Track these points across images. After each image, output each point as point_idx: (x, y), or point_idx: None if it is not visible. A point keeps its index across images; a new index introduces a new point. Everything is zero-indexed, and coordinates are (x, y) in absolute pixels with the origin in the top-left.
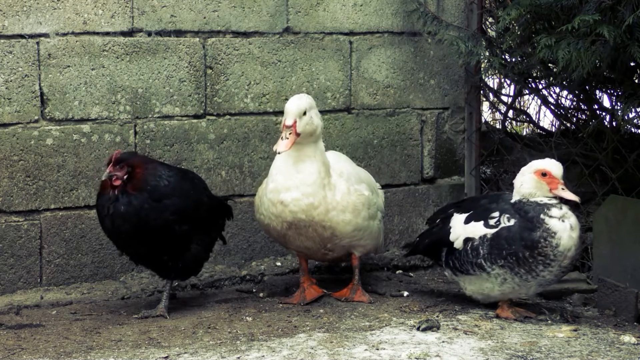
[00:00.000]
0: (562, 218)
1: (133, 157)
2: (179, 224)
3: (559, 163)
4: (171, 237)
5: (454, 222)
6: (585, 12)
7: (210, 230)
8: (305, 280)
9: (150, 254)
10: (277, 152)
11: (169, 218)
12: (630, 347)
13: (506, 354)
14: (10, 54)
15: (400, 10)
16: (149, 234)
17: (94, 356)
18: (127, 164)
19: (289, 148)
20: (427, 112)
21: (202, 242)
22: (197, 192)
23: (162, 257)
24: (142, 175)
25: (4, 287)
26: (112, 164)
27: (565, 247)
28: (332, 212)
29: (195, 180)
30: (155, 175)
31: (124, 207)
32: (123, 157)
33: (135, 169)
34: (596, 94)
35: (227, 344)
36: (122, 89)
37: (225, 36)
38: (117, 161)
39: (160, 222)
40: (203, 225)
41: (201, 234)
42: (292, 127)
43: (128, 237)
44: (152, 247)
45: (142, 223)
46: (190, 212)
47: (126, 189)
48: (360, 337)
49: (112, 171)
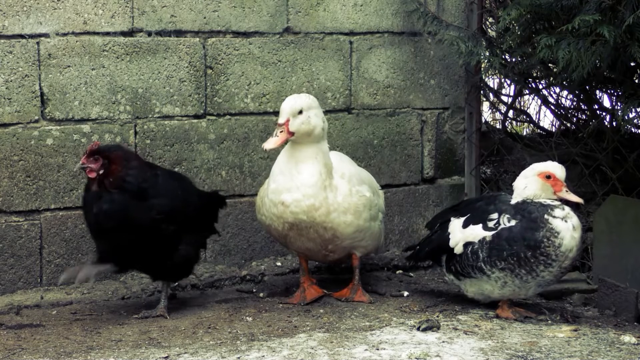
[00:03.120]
0: (565, 218)
1: (112, 150)
2: (165, 224)
3: (562, 165)
4: (158, 238)
5: (453, 228)
6: (586, 12)
7: (200, 230)
8: (306, 280)
9: (137, 256)
10: (264, 149)
11: (155, 218)
12: (631, 347)
13: (506, 354)
14: (10, 54)
15: (401, 10)
16: (135, 235)
17: (94, 356)
18: (103, 157)
19: (276, 146)
20: (427, 112)
21: (191, 243)
22: (184, 191)
23: (149, 259)
24: (120, 172)
25: (4, 287)
26: (86, 155)
27: (567, 247)
28: (334, 214)
29: (182, 180)
30: (137, 174)
31: (107, 206)
32: (100, 149)
33: (112, 164)
34: (596, 94)
35: (227, 344)
36: (122, 89)
37: (226, 36)
38: (92, 153)
39: (146, 222)
40: (192, 225)
41: (190, 234)
42: (283, 125)
43: (112, 237)
44: (139, 249)
45: (126, 223)
46: (177, 212)
47: (105, 186)
48: (361, 337)
49: (84, 163)
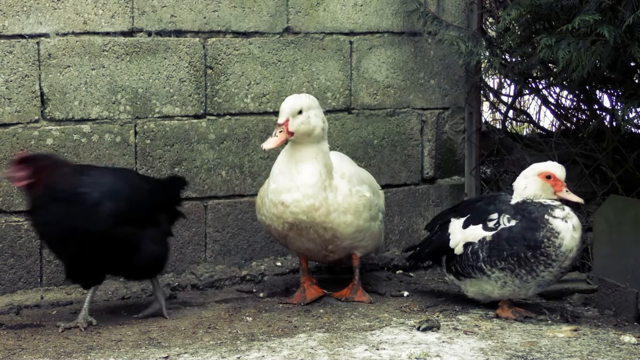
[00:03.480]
0: (565, 219)
1: (39, 158)
2: (116, 227)
3: (562, 165)
4: (112, 244)
5: (453, 228)
6: (586, 12)
7: (161, 222)
8: (306, 280)
9: (98, 265)
10: (264, 149)
11: (102, 223)
12: (631, 347)
13: (506, 354)
14: (10, 54)
15: (401, 10)
16: (85, 244)
17: (94, 356)
18: (30, 165)
19: (275, 146)
20: (427, 112)
21: (153, 238)
22: (133, 189)
23: (112, 266)
24: (50, 179)
25: (4, 287)
26: (11, 165)
27: (567, 247)
28: (334, 214)
29: (128, 178)
30: (68, 180)
31: (45, 217)
32: (26, 157)
33: (40, 172)
34: (596, 94)
35: (227, 344)
36: (122, 89)
37: (226, 36)
38: (19, 162)
39: (93, 229)
40: (149, 220)
41: (151, 228)
42: (283, 125)
43: (62, 248)
44: (96, 258)
45: (70, 232)
46: (125, 212)
47: (37, 195)
48: (361, 337)
49: (9, 172)
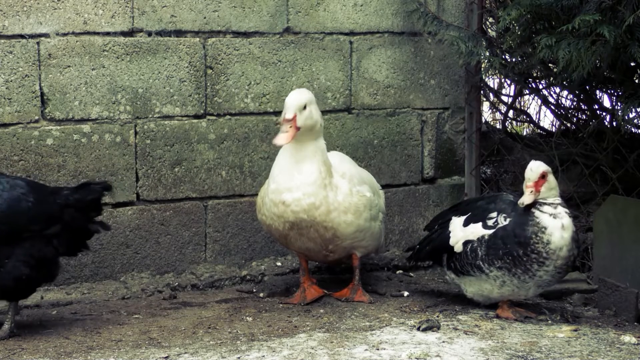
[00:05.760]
0: (554, 215)
1: None
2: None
3: (536, 165)
4: None
5: (453, 226)
6: (586, 12)
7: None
8: (306, 280)
9: None
10: (277, 144)
11: None
12: (631, 347)
13: (506, 354)
14: (10, 54)
15: (401, 10)
16: None
17: (94, 356)
18: None
19: (289, 141)
20: (428, 112)
21: (22, 258)
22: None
23: None
24: None
25: None
26: None
27: (556, 245)
28: (334, 213)
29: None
30: None
31: None
32: None
33: None
34: (596, 94)
35: (228, 344)
36: (122, 89)
37: (226, 36)
38: None
39: None
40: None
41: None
42: (292, 120)
43: None
44: None
45: None
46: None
47: None
48: (361, 337)
49: None
